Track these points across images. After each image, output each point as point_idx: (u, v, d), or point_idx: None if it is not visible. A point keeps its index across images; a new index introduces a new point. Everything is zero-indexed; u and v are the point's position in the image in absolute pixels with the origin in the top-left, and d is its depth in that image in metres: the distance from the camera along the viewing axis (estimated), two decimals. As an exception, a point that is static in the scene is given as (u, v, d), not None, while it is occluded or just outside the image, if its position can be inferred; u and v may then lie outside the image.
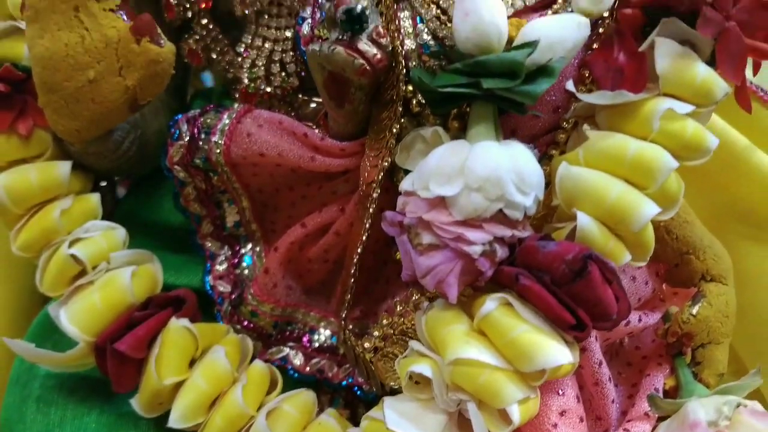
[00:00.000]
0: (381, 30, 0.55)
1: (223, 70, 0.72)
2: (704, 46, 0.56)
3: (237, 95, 0.72)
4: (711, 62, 0.56)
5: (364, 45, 0.54)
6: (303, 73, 0.69)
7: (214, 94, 0.77)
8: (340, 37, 0.54)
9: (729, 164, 0.70)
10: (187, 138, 0.65)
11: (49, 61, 0.59)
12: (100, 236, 0.65)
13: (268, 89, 0.69)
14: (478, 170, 0.50)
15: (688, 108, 0.54)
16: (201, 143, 0.64)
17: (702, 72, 0.55)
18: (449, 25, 0.56)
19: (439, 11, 0.57)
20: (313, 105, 0.70)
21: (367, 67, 0.54)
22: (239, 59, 0.70)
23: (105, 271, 0.64)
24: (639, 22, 0.57)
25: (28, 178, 0.64)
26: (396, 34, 0.57)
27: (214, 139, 0.64)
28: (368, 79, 0.55)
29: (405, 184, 0.55)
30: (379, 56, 0.55)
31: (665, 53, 0.55)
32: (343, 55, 0.54)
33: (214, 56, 0.73)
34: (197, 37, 0.72)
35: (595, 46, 0.58)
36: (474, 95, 0.52)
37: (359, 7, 0.53)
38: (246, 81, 0.70)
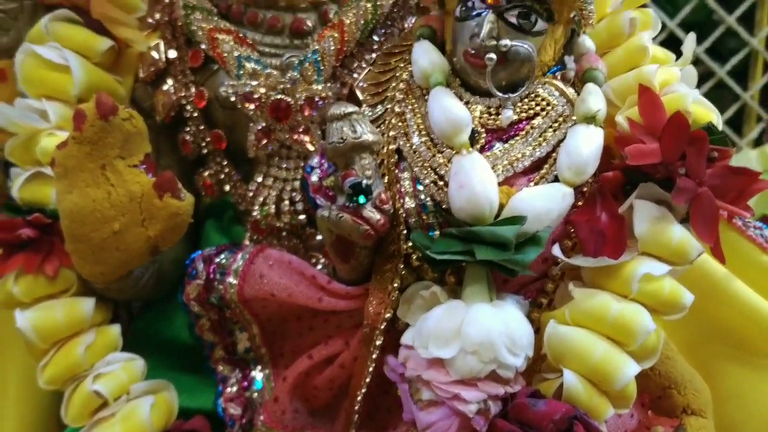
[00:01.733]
0: (384, 196, 0.60)
1: (236, 203, 0.77)
2: (680, 207, 0.61)
3: (248, 225, 0.76)
4: (687, 218, 0.61)
5: (368, 212, 0.59)
6: (310, 211, 0.74)
7: (225, 217, 0.82)
8: (347, 204, 0.59)
9: (709, 292, 0.74)
10: (204, 277, 0.69)
11: (77, 215, 0.64)
12: (121, 369, 0.69)
13: (278, 224, 0.74)
14: (473, 335, 0.55)
15: (665, 269, 0.59)
16: (216, 283, 0.69)
17: (678, 234, 0.60)
18: (446, 189, 0.61)
19: (436, 176, 0.62)
20: (319, 238, 0.75)
21: (371, 232, 0.59)
22: (251, 194, 0.75)
23: (126, 402, 0.68)
24: (619, 182, 0.63)
25: (54, 315, 0.69)
26: (397, 196, 0.62)
27: (229, 279, 0.69)
28: (372, 242, 0.60)
29: (406, 338, 0.60)
30: (382, 221, 0.60)
31: (643, 217, 0.60)
32: (350, 222, 0.59)
33: (227, 189, 0.78)
34: (212, 171, 0.78)
35: (579, 203, 0.63)
36: (469, 261, 0.57)
37: (365, 182, 0.58)
38: (257, 215, 0.75)
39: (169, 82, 0.76)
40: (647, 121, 0.62)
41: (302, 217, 0.74)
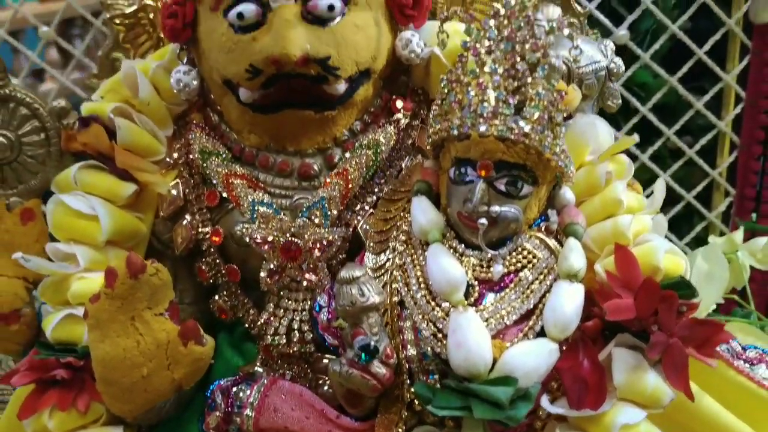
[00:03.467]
0: (389, 351, 0.68)
1: (248, 328, 0.84)
2: (653, 356, 0.69)
3: (260, 349, 0.83)
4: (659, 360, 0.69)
5: (376, 368, 0.67)
6: (317, 340, 0.80)
7: (236, 333, 0.88)
8: (356, 359, 0.66)
9: (682, 407, 0.82)
10: (222, 410, 0.76)
11: (109, 363, 0.71)
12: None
13: (288, 351, 0.81)
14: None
15: (641, 415, 0.67)
16: (234, 416, 0.76)
17: (652, 382, 0.67)
18: (444, 342, 0.68)
19: (435, 329, 0.69)
20: (325, 361, 0.82)
21: (378, 386, 0.67)
22: (262, 321, 0.82)
23: None
24: (599, 329, 0.70)
25: (86, 444, 0.76)
26: (400, 345, 0.70)
27: (246, 412, 0.75)
28: (379, 393, 0.68)
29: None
30: (388, 375, 0.67)
31: (621, 367, 0.68)
32: (359, 378, 0.66)
33: (240, 315, 0.84)
34: (225, 298, 0.84)
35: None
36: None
37: (373, 344, 0.65)
38: (269, 342, 0.81)
39: (187, 218, 0.83)
40: (623, 276, 0.70)
41: (310, 345, 0.80)
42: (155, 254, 0.85)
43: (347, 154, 0.80)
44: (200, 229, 0.82)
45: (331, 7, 0.74)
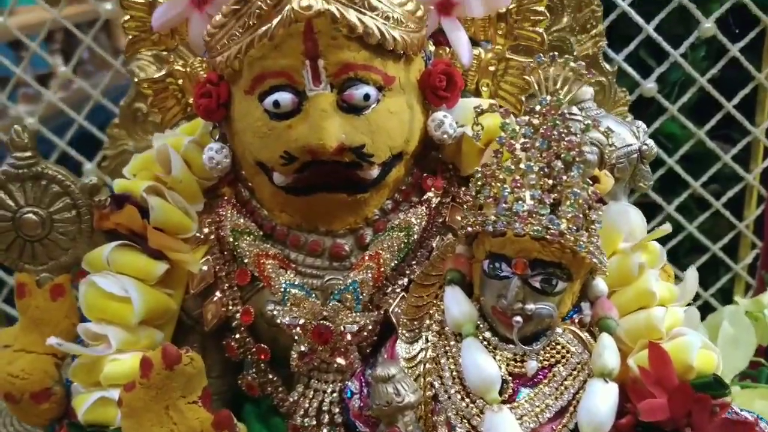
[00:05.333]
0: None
1: (277, 404, 0.84)
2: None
3: (289, 427, 0.83)
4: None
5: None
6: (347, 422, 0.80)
7: (264, 405, 0.88)
8: None
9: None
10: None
11: (143, 454, 0.72)
12: None
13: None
14: None
15: None
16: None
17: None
18: (479, 441, 0.68)
19: (469, 426, 0.69)
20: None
21: None
22: (291, 401, 0.82)
23: None
24: (632, 427, 0.70)
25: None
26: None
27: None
28: None
29: None
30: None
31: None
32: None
33: (269, 391, 0.84)
34: (254, 375, 0.84)
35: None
36: None
37: None
38: (298, 423, 0.81)
39: (218, 294, 0.83)
40: (656, 373, 0.70)
41: (340, 428, 0.80)
42: (184, 329, 0.85)
43: (379, 236, 0.80)
44: (230, 307, 0.82)
45: (366, 97, 0.74)
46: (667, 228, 0.77)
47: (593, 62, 1.12)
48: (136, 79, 0.95)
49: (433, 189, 0.83)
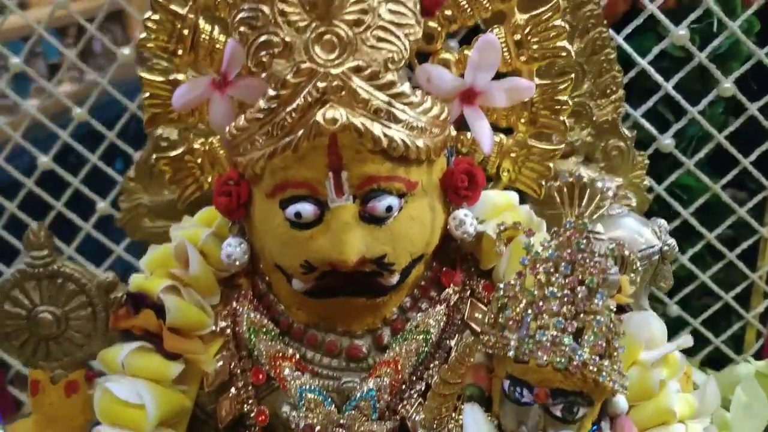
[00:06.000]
0: None
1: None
2: None
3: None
4: None
5: None
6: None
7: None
8: None
9: None
10: None
11: None
12: None
13: None
14: None
15: None
16: None
17: None
18: None
19: None
20: None
21: None
22: None
23: None
24: None
25: None
26: None
27: None
28: None
29: None
30: None
31: None
32: None
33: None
34: None
35: None
36: None
37: None
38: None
39: (233, 391, 0.83)
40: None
41: None
42: (198, 424, 0.85)
43: (398, 338, 0.80)
44: (245, 406, 0.82)
45: (389, 209, 0.73)
46: (688, 341, 0.77)
47: (612, 127, 1.11)
48: (154, 156, 0.94)
49: (452, 285, 0.83)
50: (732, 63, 1.18)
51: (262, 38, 0.70)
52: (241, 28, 0.72)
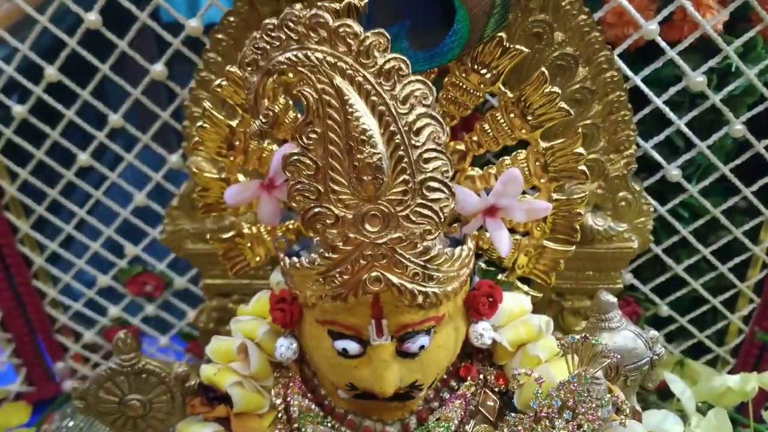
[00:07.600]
0: None
1: None
2: None
3: None
4: None
5: None
6: None
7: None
8: None
9: None
10: None
11: None
12: None
13: None
14: None
15: None
16: None
17: None
18: None
19: None
20: None
21: None
22: None
23: None
24: None
25: None
26: None
27: None
28: None
29: None
30: None
31: None
32: None
33: None
34: None
35: None
36: None
37: None
38: None
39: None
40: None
41: None
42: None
43: (423, 428, 0.96)
44: None
45: (421, 348, 0.87)
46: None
47: (623, 182, 1.20)
48: (208, 236, 1.06)
49: (469, 378, 0.98)
50: (746, 98, 1.23)
51: (316, 210, 0.81)
52: (297, 197, 0.82)
